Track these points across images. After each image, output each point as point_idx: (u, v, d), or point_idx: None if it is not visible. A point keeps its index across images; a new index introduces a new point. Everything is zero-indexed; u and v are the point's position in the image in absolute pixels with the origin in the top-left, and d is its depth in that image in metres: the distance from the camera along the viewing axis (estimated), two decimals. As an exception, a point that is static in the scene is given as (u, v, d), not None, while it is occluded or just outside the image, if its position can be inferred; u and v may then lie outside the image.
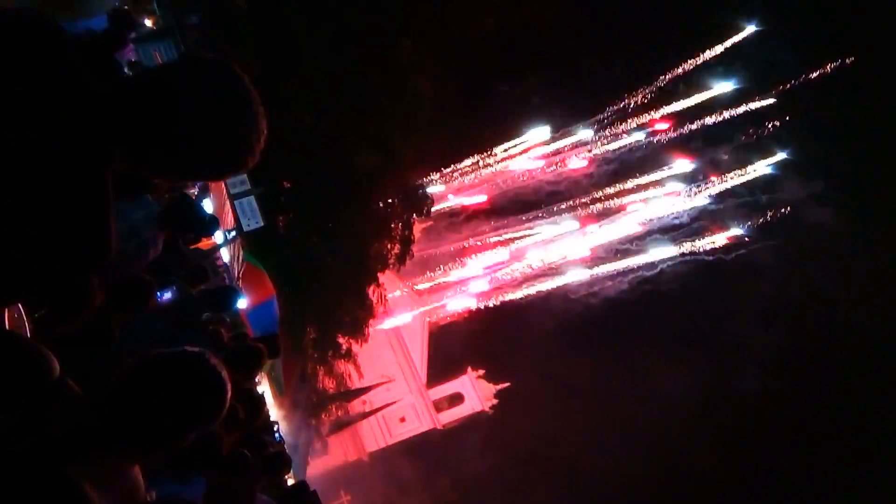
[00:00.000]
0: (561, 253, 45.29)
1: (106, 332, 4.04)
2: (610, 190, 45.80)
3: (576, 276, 44.53)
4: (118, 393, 1.58)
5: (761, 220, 43.31)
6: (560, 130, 46.03)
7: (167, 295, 5.08)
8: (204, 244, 12.84)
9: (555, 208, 46.28)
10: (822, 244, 43.77)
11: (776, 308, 44.44)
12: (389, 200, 26.87)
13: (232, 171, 1.53)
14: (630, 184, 45.84)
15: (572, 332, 44.81)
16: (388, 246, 28.27)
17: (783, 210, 43.05)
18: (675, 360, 42.77)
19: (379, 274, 29.06)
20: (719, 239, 43.98)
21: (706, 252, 43.90)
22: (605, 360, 44.40)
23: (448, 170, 43.89)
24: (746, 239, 43.51)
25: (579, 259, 45.32)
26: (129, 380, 1.60)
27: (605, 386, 43.94)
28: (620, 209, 45.76)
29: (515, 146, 45.84)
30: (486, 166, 45.73)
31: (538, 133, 45.69)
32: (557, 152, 46.73)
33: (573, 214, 45.96)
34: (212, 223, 8.07)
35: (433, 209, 32.70)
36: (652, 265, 44.15)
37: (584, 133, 46.35)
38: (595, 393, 43.84)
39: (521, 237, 46.43)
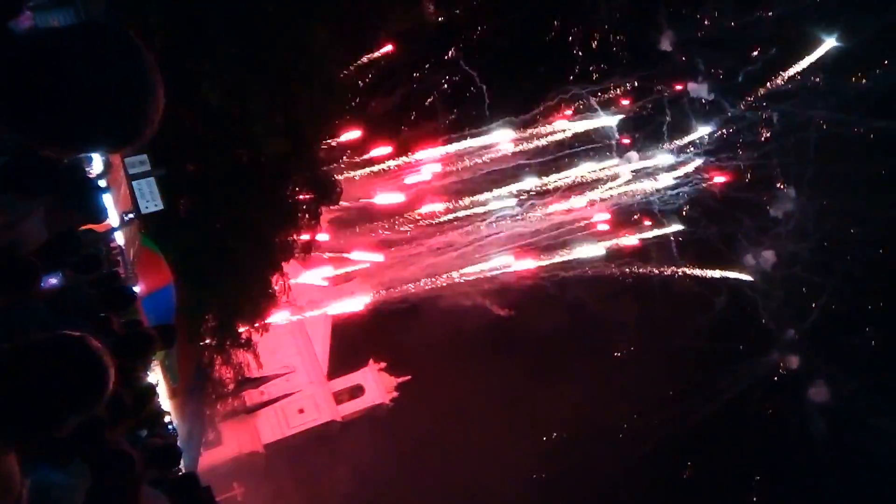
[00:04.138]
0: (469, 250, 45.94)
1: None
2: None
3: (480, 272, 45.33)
4: None
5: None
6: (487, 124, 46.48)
7: (52, 280, 4.88)
8: (98, 226, 12.29)
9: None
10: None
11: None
12: (297, 188, 26.40)
13: (126, 140, 1.47)
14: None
15: (476, 330, 45.57)
16: (295, 234, 27.80)
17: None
18: (569, 370, 44.24)
19: (283, 263, 28.54)
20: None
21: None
22: (505, 359, 45.30)
23: (362, 159, 43.60)
24: None
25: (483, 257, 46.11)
26: (2, 363, 1.56)
27: (504, 384, 44.82)
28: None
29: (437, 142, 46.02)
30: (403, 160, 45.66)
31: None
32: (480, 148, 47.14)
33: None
34: (97, 189, 7.76)
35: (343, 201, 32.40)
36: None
37: (508, 132, 46.92)
38: (493, 391, 44.68)
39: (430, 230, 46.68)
